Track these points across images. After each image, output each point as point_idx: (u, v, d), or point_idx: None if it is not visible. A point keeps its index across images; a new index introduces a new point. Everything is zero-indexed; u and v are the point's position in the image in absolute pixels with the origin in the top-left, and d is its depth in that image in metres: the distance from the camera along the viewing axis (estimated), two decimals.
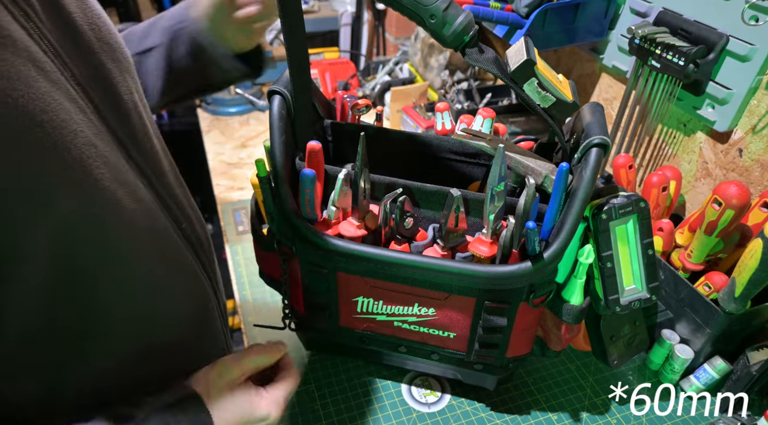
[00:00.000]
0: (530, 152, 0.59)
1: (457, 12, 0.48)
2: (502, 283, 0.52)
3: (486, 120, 0.63)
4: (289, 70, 0.53)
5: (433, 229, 0.56)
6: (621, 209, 0.54)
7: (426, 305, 0.58)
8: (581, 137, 0.53)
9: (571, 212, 0.50)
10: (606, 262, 0.55)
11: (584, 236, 0.57)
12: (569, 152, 0.57)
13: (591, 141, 0.51)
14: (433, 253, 0.55)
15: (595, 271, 0.57)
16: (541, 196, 0.53)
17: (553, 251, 0.49)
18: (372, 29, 1.65)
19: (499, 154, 0.48)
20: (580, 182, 0.50)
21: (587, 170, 0.50)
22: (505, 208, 0.52)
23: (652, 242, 0.56)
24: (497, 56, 0.52)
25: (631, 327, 0.67)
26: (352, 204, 0.55)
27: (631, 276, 0.57)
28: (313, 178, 0.52)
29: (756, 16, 0.68)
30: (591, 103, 0.56)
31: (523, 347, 0.61)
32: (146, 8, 2.57)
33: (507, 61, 0.52)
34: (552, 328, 0.59)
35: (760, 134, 0.72)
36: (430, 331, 0.60)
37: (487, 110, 0.64)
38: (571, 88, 0.55)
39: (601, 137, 0.51)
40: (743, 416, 0.66)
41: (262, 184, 0.54)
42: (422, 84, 1.33)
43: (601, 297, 0.57)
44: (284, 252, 0.58)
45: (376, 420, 0.66)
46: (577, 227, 0.50)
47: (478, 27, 0.51)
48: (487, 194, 0.50)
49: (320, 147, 0.53)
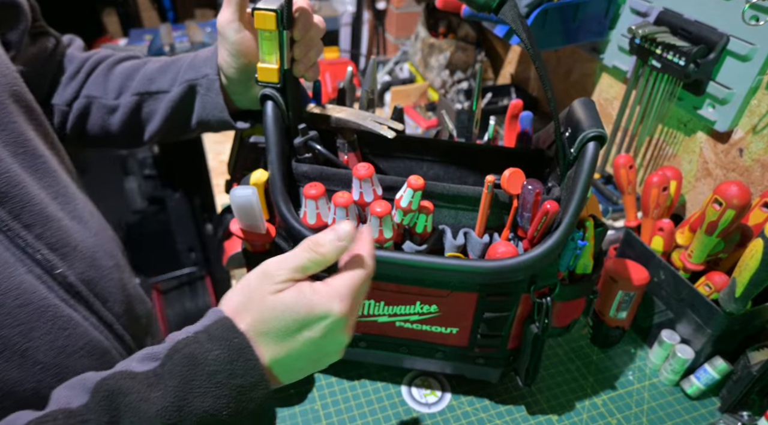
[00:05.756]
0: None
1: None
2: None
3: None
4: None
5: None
6: None
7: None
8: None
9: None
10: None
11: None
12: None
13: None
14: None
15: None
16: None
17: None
18: (372, 29, 1.65)
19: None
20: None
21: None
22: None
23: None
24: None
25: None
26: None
27: None
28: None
29: (756, 16, 0.68)
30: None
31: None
32: (146, 8, 2.57)
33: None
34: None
35: (760, 134, 0.72)
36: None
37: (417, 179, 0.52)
38: None
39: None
40: (743, 416, 0.66)
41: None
42: (422, 84, 1.33)
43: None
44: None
45: (376, 421, 0.66)
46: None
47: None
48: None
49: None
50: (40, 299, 0.43)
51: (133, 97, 0.62)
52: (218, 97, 0.60)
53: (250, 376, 0.36)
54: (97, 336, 0.48)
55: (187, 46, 1.44)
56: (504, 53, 1.28)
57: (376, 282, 0.57)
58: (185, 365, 0.35)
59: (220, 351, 0.36)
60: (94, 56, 0.66)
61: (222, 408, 0.35)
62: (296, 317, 0.37)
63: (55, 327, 0.44)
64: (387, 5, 1.57)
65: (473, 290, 0.55)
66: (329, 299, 0.38)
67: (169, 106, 0.62)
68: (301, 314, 0.37)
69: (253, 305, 0.38)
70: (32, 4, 0.58)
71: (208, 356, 0.36)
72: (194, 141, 1.34)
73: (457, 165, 0.67)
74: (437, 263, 0.51)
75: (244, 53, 0.56)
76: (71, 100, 0.63)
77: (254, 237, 0.58)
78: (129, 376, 0.35)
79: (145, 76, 0.63)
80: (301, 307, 0.37)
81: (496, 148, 0.67)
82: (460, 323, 0.59)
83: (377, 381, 0.71)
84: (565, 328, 0.63)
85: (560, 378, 0.72)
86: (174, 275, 2.14)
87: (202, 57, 0.61)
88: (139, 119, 0.64)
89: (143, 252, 2.35)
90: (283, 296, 0.38)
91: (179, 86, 0.61)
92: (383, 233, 0.52)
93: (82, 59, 0.65)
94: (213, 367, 0.35)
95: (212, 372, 0.35)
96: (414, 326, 0.61)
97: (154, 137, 0.65)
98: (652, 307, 0.75)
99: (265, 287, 0.38)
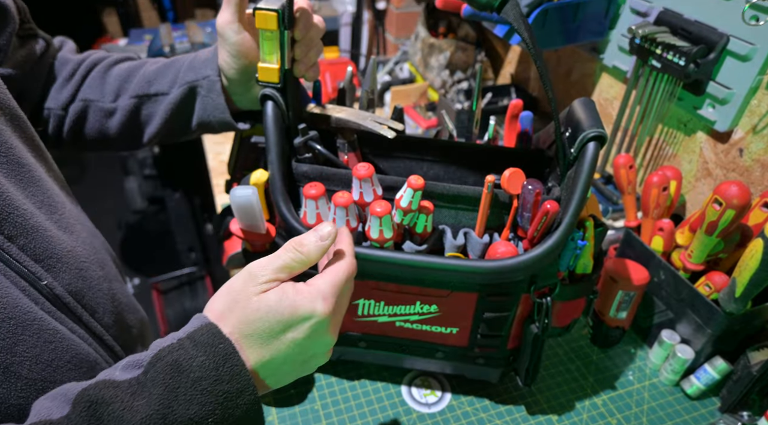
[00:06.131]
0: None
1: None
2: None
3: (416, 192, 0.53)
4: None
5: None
6: None
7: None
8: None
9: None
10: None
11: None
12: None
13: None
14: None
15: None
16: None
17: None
18: (372, 29, 1.65)
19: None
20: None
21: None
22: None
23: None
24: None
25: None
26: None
27: None
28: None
29: (756, 16, 0.68)
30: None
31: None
32: (146, 8, 2.57)
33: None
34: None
35: (760, 134, 0.72)
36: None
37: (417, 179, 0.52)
38: None
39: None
40: (743, 416, 0.66)
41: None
42: (422, 84, 1.33)
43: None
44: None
45: (376, 421, 0.66)
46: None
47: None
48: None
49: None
50: (24, 313, 0.42)
51: (131, 99, 0.62)
52: (219, 98, 0.60)
53: (236, 382, 0.36)
54: (86, 349, 0.47)
55: (187, 47, 1.43)
56: (504, 53, 1.29)
57: (376, 282, 0.57)
58: (169, 372, 0.35)
59: (205, 358, 0.36)
60: (89, 58, 0.65)
61: (208, 416, 0.35)
62: (280, 318, 0.37)
63: (40, 340, 0.43)
64: (387, 5, 1.57)
65: (473, 290, 0.55)
66: (312, 299, 0.38)
67: (169, 108, 0.61)
68: (285, 315, 0.37)
69: (237, 307, 0.38)
70: (20, 6, 0.56)
71: (193, 362, 0.35)
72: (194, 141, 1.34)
73: (457, 165, 0.67)
74: (437, 263, 0.51)
75: (245, 54, 0.56)
76: (67, 104, 0.62)
77: (254, 237, 0.58)
78: (111, 385, 0.35)
79: (143, 78, 0.62)
80: (284, 308, 0.37)
81: (496, 148, 0.67)
82: (460, 323, 0.59)
83: (377, 381, 0.71)
84: (565, 328, 0.63)
85: (560, 378, 0.72)
86: (174, 275, 2.15)
87: (202, 58, 0.61)
88: (137, 122, 0.63)
89: (143, 252, 2.35)
90: (267, 297, 0.38)
91: (179, 88, 0.60)
92: (383, 233, 0.52)
93: (76, 62, 0.64)
94: (197, 374, 0.35)
95: (197, 378, 0.35)
96: (414, 326, 0.61)
97: (153, 139, 0.65)
98: (652, 307, 0.75)
99: (249, 288, 0.38)
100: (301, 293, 0.38)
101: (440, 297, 0.57)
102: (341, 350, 0.68)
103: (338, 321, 0.41)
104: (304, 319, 0.38)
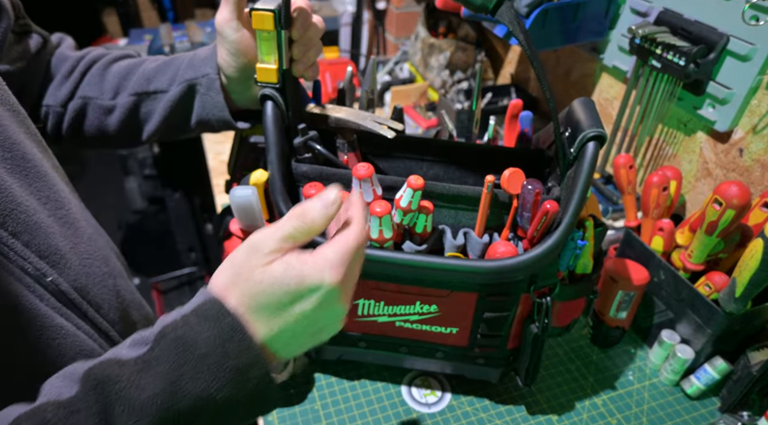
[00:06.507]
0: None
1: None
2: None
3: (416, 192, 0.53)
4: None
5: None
6: None
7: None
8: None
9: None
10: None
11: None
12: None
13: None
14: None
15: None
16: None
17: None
18: (372, 29, 1.65)
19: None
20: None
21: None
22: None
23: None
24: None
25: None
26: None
27: None
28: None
29: (756, 16, 0.68)
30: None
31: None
32: (146, 8, 2.57)
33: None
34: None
35: (760, 134, 0.72)
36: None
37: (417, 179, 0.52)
38: None
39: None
40: (743, 416, 0.66)
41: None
42: (422, 84, 1.33)
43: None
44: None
45: (376, 421, 0.66)
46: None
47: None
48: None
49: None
50: (29, 309, 0.42)
51: (130, 97, 0.62)
52: (219, 96, 0.60)
53: (245, 356, 0.35)
54: (91, 345, 0.48)
55: (187, 46, 1.43)
56: (504, 53, 1.28)
57: (376, 282, 0.57)
58: (174, 349, 0.35)
59: (210, 333, 0.35)
60: (88, 55, 0.65)
61: (216, 391, 0.35)
62: (287, 290, 0.36)
63: (44, 336, 0.43)
64: (387, 5, 1.57)
65: (473, 290, 0.55)
66: (319, 269, 0.36)
67: (168, 106, 0.61)
68: (292, 286, 0.35)
69: (240, 280, 0.36)
70: (14, 2, 0.56)
71: (198, 338, 0.35)
72: (194, 141, 1.34)
73: (457, 165, 0.67)
74: (437, 263, 0.51)
75: (244, 52, 0.56)
76: (66, 101, 0.62)
77: None
78: (117, 363, 0.35)
79: (143, 75, 0.62)
80: (290, 279, 0.35)
81: (496, 148, 0.67)
82: (460, 323, 0.59)
83: (377, 381, 0.71)
84: (565, 328, 0.63)
85: (560, 378, 0.72)
86: (174, 275, 2.14)
87: (201, 56, 0.61)
88: (136, 119, 0.63)
89: (143, 252, 2.35)
90: (272, 269, 0.36)
91: (178, 86, 0.60)
92: (383, 233, 0.52)
93: (75, 58, 0.64)
94: (204, 349, 0.35)
95: (203, 354, 0.34)
96: (414, 326, 0.61)
97: (152, 137, 0.65)
98: (652, 307, 0.75)
99: (252, 260, 0.36)
100: (307, 263, 0.36)
101: (440, 297, 0.57)
102: (341, 350, 0.68)
103: (350, 290, 0.39)
104: (312, 290, 0.36)
